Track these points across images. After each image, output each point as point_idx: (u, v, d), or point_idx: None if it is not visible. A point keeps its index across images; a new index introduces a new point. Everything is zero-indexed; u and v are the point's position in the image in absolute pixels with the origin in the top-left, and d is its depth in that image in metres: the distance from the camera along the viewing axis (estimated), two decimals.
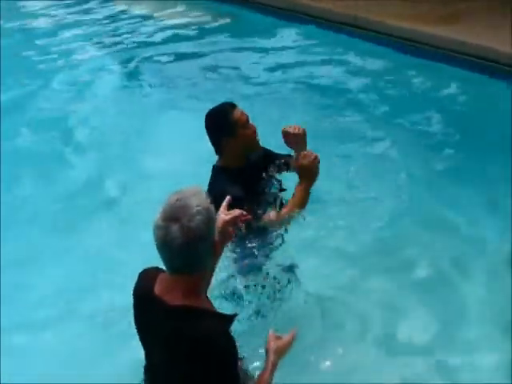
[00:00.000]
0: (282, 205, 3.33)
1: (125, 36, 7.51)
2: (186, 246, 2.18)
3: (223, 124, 3.25)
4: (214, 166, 3.34)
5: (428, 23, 6.05)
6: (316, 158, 3.25)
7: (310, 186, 3.27)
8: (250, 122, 3.27)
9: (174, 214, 2.18)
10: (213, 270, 2.52)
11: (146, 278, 2.37)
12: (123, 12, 8.31)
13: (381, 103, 5.36)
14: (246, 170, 3.30)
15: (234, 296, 3.23)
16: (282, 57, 6.46)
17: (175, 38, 7.25)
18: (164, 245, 2.19)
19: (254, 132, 3.29)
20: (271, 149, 3.43)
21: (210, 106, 3.32)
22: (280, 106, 5.30)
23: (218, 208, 2.89)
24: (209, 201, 2.25)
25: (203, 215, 2.20)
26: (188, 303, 2.24)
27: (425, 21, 6.10)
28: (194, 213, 2.19)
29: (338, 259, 3.66)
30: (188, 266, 2.23)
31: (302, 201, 3.28)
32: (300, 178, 3.28)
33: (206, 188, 3.18)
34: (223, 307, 2.84)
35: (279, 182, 3.42)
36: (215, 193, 2.95)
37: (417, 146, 4.73)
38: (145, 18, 8.01)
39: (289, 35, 6.83)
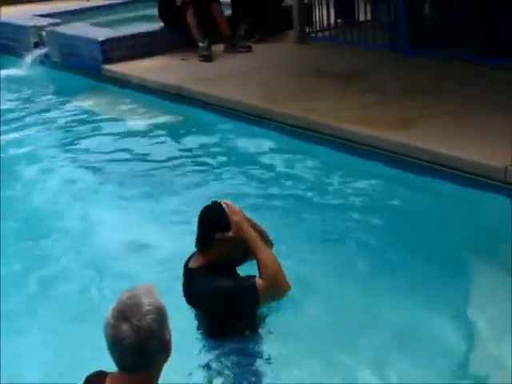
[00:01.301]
0: None
1: (76, 134, 7.81)
2: (137, 345, 2.27)
3: (220, 220, 3.48)
4: (201, 266, 3.46)
5: (384, 129, 6.29)
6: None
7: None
8: None
9: (124, 313, 2.27)
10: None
11: (94, 381, 2.43)
12: (77, 110, 8.59)
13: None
14: (230, 263, 3.53)
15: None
16: (240, 158, 6.69)
17: (126, 137, 7.54)
18: (114, 344, 2.28)
19: None
20: None
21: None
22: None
23: (232, 305, 2.99)
24: (160, 299, 2.34)
25: (155, 314, 2.29)
26: None
27: (380, 125, 6.35)
28: (145, 311, 2.28)
29: None
30: (139, 365, 2.31)
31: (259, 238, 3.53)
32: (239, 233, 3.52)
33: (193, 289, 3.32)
34: None
35: None
36: (224, 292, 3.10)
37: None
38: (97, 116, 8.32)
39: (247, 138, 7.07)
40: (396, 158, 5.97)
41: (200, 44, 9.30)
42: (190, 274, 3.45)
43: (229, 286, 3.30)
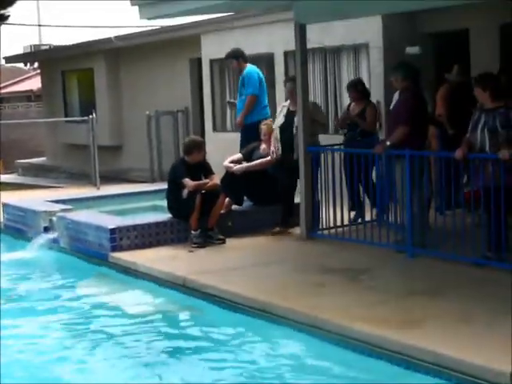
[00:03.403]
0: None
1: (79, 321, 7.90)
2: None
3: None
4: None
5: (388, 327, 6.40)
6: None
7: None
8: None
9: None
10: None
11: None
12: (81, 297, 8.75)
13: None
14: None
15: None
16: (242, 354, 6.75)
17: (128, 325, 7.63)
18: None
19: None
20: None
21: None
22: None
23: None
24: None
25: None
26: None
27: (385, 325, 6.46)
28: None
29: None
30: None
31: None
32: None
33: None
34: None
35: None
36: None
37: None
38: (100, 303, 8.45)
39: (250, 332, 7.16)
40: (400, 358, 6.03)
41: (192, 232, 9.82)
42: None
43: None
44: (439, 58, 12.23)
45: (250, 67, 11.53)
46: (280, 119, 10.51)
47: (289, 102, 10.55)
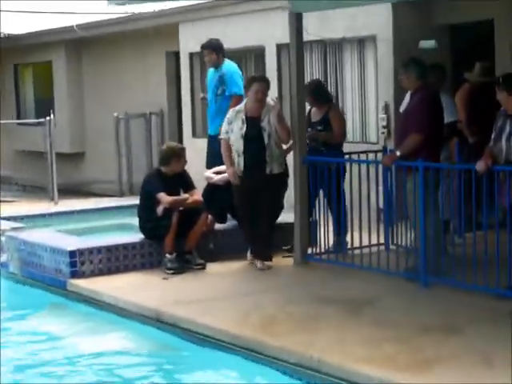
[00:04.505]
0: None
1: (31, 359, 7.91)
2: None
3: None
4: None
5: (396, 369, 6.43)
6: None
7: None
8: None
9: None
10: None
11: None
12: (34, 332, 8.77)
13: None
14: None
15: None
16: None
17: (90, 365, 7.64)
18: None
19: None
20: None
21: None
22: None
23: None
24: None
25: None
26: None
27: (392, 366, 6.49)
28: None
29: None
30: None
31: None
32: None
33: None
34: None
35: None
36: None
37: None
38: (57, 339, 8.49)
39: (235, 373, 7.18)
40: None
41: (167, 255, 9.90)
42: None
43: None
44: (458, 53, 12.34)
45: (230, 63, 11.42)
46: (239, 127, 9.89)
47: (243, 107, 10.05)
